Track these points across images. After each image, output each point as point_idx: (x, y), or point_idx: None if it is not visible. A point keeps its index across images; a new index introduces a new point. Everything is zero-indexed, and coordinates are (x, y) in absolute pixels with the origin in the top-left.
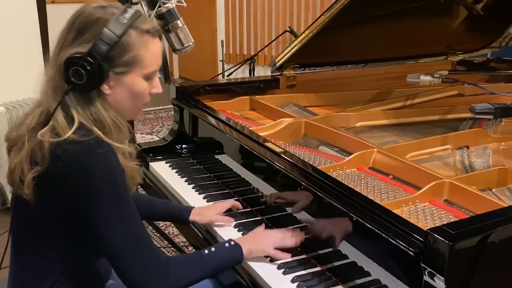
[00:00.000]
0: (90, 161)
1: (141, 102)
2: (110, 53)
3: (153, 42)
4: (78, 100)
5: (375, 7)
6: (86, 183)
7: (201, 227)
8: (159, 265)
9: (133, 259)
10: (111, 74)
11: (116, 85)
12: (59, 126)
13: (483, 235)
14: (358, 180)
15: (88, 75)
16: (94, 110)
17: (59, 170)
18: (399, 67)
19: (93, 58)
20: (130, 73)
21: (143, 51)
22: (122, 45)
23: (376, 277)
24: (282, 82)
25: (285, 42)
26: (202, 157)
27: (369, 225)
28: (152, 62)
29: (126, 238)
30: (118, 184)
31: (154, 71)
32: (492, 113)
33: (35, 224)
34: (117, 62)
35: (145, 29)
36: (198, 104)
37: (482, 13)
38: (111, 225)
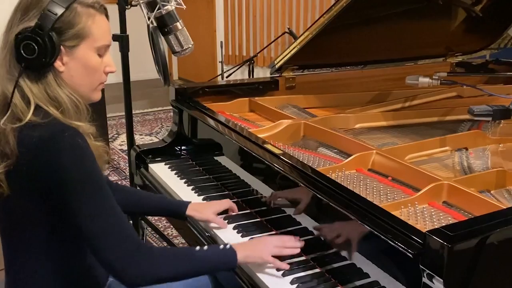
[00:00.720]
0: (58, 147)
1: (97, 79)
2: (58, 25)
3: (100, 17)
4: (32, 80)
5: (374, 9)
6: (57, 169)
7: (200, 228)
8: (138, 247)
9: (109, 240)
10: (62, 49)
11: (69, 60)
12: (18, 109)
13: (482, 237)
14: (357, 181)
15: (40, 48)
16: (49, 89)
17: (29, 161)
18: (398, 69)
19: (42, 29)
20: (80, 46)
21: (90, 23)
22: (68, 17)
23: (375, 278)
24: (281, 84)
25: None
26: (201, 158)
27: (368, 226)
28: (101, 35)
29: (101, 220)
30: (88, 166)
31: (104, 46)
32: (491, 115)
33: (21, 221)
34: (66, 35)
35: (90, 3)
36: (197, 105)
37: (481, 15)
38: (85, 208)
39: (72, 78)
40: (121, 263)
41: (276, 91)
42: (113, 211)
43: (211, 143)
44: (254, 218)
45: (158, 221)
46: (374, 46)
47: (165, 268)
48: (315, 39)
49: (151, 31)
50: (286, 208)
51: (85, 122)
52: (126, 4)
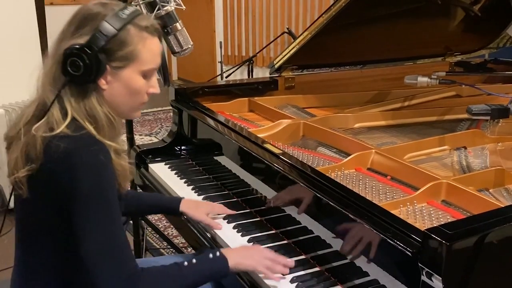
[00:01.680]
0: (80, 159)
1: (138, 100)
2: (108, 46)
3: (152, 40)
4: (73, 93)
5: (373, 9)
6: (71, 180)
7: (201, 228)
8: (133, 273)
9: (105, 264)
10: (108, 68)
11: (113, 80)
12: (53, 119)
13: (480, 235)
14: (356, 181)
15: (86, 66)
16: (89, 105)
17: (51, 170)
18: (397, 68)
19: (91, 49)
20: (127, 68)
21: (140, 46)
22: (119, 39)
23: (374, 277)
24: (280, 84)
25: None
26: (201, 158)
27: (367, 225)
28: (150, 59)
29: (101, 242)
30: (104, 184)
31: (151, 69)
32: (489, 114)
33: (35, 224)
34: (114, 56)
35: (144, 26)
36: (197, 105)
37: (479, 14)
38: (88, 226)
39: (113, 97)
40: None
41: (276, 91)
42: (114, 235)
43: (210, 143)
44: (254, 218)
45: (158, 221)
46: (373, 46)
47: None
48: (314, 39)
49: None
50: (286, 207)
51: (117, 142)
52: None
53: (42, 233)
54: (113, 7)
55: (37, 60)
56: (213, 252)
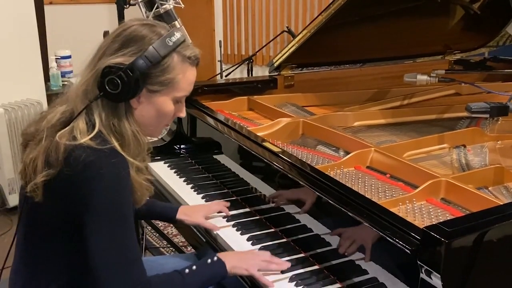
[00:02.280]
0: (98, 171)
1: (164, 123)
2: (150, 71)
3: (191, 70)
4: (104, 108)
5: (372, 7)
6: (88, 192)
7: (201, 227)
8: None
9: (115, 277)
10: (144, 90)
11: (146, 102)
12: (78, 129)
13: (479, 233)
14: (355, 179)
15: (123, 87)
16: (118, 121)
17: (69, 178)
18: (396, 67)
19: (133, 71)
20: (163, 94)
21: (181, 76)
22: (162, 65)
23: (373, 275)
24: (280, 82)
25: (283, 42)
26: (200, 157)
27: (367, 223)
28: (186, 87)
29: (113, 255)
30: (120, 198)
31: (184, 96)
32: (488, 112)
33: (40, 225)
34: (153, 80)
35: (187, 56)
36: (197, 104)
37: (479, 13)
38: (101, 239)
39: (142, 118)
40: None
41: (275, 90)
42: (127, 249)
43: (210, 142)
44: (253, 216)
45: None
46: (372, 44)
47: None
48: (314, 37)
49: None
50: (285, 206)
51: (140, 160)
52: (125, 3)
53: (50, 238)
54: (160, 31)
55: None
56: (211, 257)
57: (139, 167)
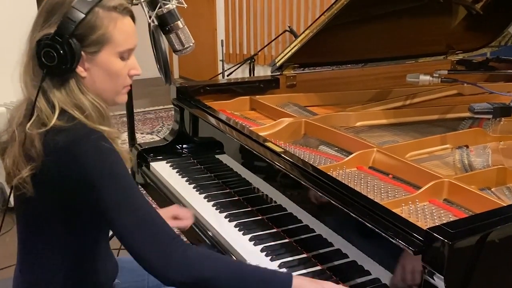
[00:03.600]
0: (83, 149)
1: (120, 83)
2: (78, 32)
3: (123, 20)
4: (55, 85)
5: (375, 7)
6: (84, 170)
7: (202, 226)
8: (173, 241)
9: (142, 234)
10: (84, 55)
11: (91, 66)
12: (43, 114)
13: (482, 234)
14: (358, 179)
15: (59, 55)
16: (72, 94)
17: (55, 165)
18: (399, 67)
19: (61, 36)
20: (102, 52)
21: (111, 28)
22: (89, 22)
23: (376, 276)
24: (282, 82)
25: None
26: (202, 157)
27: (369, 224)
28: (124, 40)
29: (133, 213)
30: (114, 164)
31: (128, 50)
32: (491, 112)
33: (38, 221)
34: (87, 41)
35: (112, 6)
36: (199, 104)
37: (481, 13)
38: (116, 202)
39: (95, 84)
40: (155, 257)
41: (277, 90)
42: (144, 206)
43: (212, 142)
44: (255, 216)
45: None
46: (374, 44)
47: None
48: (316, 37)
49: (152, 29)
50: (288, 206)
51: (110, 127)
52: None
53: (49, 230)
54: None
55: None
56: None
57: (111, 134)
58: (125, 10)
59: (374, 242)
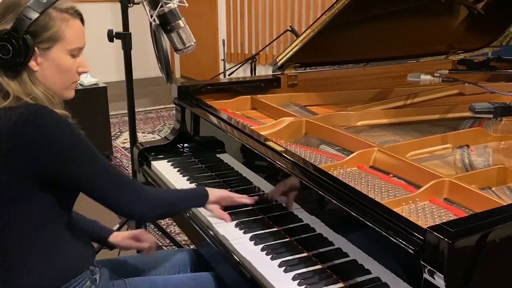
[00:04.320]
0: (42, 121)
1: (69, 79)
2: (33, 29)
3: (73, 21)
4: (9, 76)
5: (376, 7)
6: (48, 142)
7: (203, 226)
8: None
9: (115, 189)
10: (37, 50)
11: (43, 60)
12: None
13: (483, 233)
14: (358, 178)
15: (14, 49)
16: (25, 85)
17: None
18: (400, 66)
19: (17, 31)
20: (54, 48)
21: (63, 27)
22: (43, 21)
23: (376, 275)
24: (283, 82)
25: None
26: (203, 156)
27: (370, 223)
28: (74, 39)
29: (103, 177)
30: (76, 133)
31: (77, 49)
32: (492, 112)
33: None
34: (40, 37)
35: (64, 8)
36: (200, 103)
37: (482, 12)
38: (86, 171)
39: (46, 77)
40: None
41: (278, 89)
42: (110, 166)
43: (213, 141)
44: (256, 215)
45: None
46: (375, 43)
47: (160, 208)
48: (317, 37)
49: (153, 29)
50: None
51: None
52: (129, 2)
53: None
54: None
55: None
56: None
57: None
58: (75, 12)
59: (375, 241)
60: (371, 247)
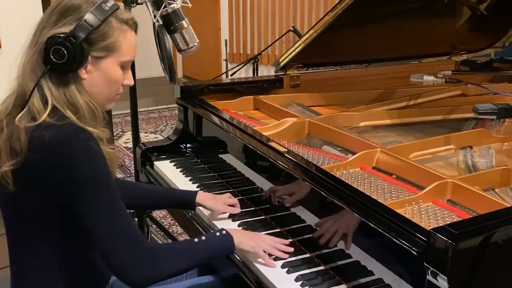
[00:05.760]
0: (70, 150)
1: (114, 91)
2: (91, 36)
3: (131, 33)
4: (53, 82)
5: (379, 7)
6: (67, 172)
7: (206, 226)
8: (145, 252)
9: (118, 245)
10: (89, 58)
11: (93, 69)
12: (34, 108)
13: (486, 235)
14: (361, 179)
15: (69, 55)
16: (69, 93)
17: (39, 161)
18: (403, 67)
19: (76, 38)
20: (107, 58)
21: (121, 38)
22: (102, 29)
23: (379, 276)
24: (285, 82)
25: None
26: (206, 156)
27: (373, 224)
28: (129, 51)
29: (108, 224)
30: (99, 169)
31: (129, 61)
32: (495, 113)
33: (26, 218)
34: (97, 46)
35: (124, 19)
36: (202, 103)
37: (485, 13)
38: (93, 211)
39: (92, 87)
40: (125, 267)
41: (281, 89)
42: (120, 215)
43: (216, 141)
44: (259, 216)
45: (163, 219)
46: (378, 44)
47: (169, 269)
48: (320, 37)
49: (157, 29)
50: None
51: (100, 129)
52: (132, 2)
53: (36, 227)
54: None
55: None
56: (220, 230)
57: (100, 136)
58: (134, 24)
59: (378, 242)
60: (374, 249)
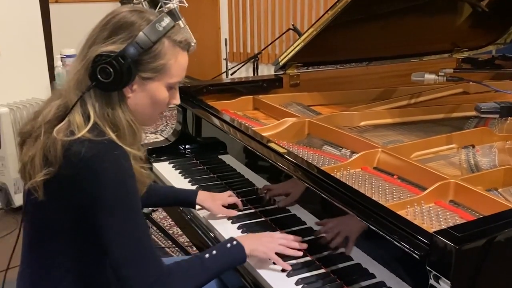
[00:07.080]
0: (101, 165)
1: (158, 110)
2: (141, 57)
3: (183, 55)
4: (97, 98)
5: (379, 5)
6: (95, 187)
7: (204, 228)
8: (161, 275)
9: (135, 269)
10: (137, 78)
11: (139, 89)
12: (75, 122)
13: (490, 238)
14: (362, 180)
15: (116, 75)
16: (112, 112)
17: (71, 175)
18: (404, 65)
19: (124, 58)
20: (156, 80)
21: (172, 61)
22: (154, 51)
23: (381, 279)
24: (285, 81)
25: (289, 40)
26: (205, 157)
27: (374, 227)
28: (178, 73)
29: (129, 247)
30: (127, 190)
31: (177, 83)
32: (498, 112)
33: (46, 225)
34: (146, 67)
35: (178, 40)
36: (201, 104)
37: (486, 10)
38: (115, 232)
39: (136, 106)
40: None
41: (280, 89)
42: (141, 239)
43: (215, 142)
44: (258, 218)
45: (164, 220)
46: (379, 42)
47: None
48: (320, 35)
49: None
50: (291, 207)
51: (136, 149)
52: (129, 2)
53: (58, 237)
54: (149, 17)
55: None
56: (230, 241)
57: (136, 156)
58: (187, 45)
59: (379, 245)
60: (376, 251)
